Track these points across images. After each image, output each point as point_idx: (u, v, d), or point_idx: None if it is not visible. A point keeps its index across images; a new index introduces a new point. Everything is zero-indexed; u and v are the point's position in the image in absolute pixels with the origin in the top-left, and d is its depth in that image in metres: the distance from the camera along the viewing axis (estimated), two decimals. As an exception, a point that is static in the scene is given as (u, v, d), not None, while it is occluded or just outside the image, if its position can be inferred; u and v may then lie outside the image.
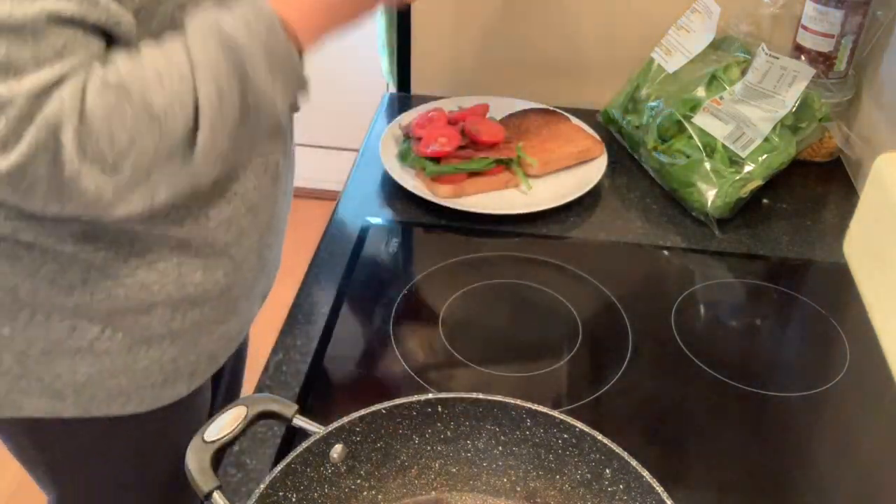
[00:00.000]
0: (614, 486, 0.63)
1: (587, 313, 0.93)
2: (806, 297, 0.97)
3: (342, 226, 1.05)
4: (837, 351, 0.90)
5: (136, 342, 0.80)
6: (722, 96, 1.10)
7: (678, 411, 0.82)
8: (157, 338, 0.81)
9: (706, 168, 1.07)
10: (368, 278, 0.97)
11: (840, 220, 1.10)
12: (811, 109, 1.11)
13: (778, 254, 1.04)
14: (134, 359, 0.81)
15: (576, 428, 0.64)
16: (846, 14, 1.11)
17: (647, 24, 1.23)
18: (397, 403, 0.65)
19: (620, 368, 0.86)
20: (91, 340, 0.78)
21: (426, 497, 0.68)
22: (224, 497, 0.59)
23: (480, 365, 0.86)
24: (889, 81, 1.12)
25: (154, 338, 0.81)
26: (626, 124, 1.20)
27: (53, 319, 0.77)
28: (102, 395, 0.82)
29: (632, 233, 1.06)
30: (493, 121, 1.15)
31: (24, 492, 1.81)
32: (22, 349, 0.78)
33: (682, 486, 0.74)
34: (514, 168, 1.10)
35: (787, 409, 0.83)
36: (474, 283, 0.96)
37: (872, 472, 0.78)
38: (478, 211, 1.05)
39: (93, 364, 0.80)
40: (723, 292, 0.98)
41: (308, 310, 0.92)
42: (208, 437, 0.62)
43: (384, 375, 0.84)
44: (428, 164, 1.07)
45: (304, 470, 0.62)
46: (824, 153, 1.21)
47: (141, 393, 0.83)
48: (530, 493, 0.68)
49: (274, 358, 0.86)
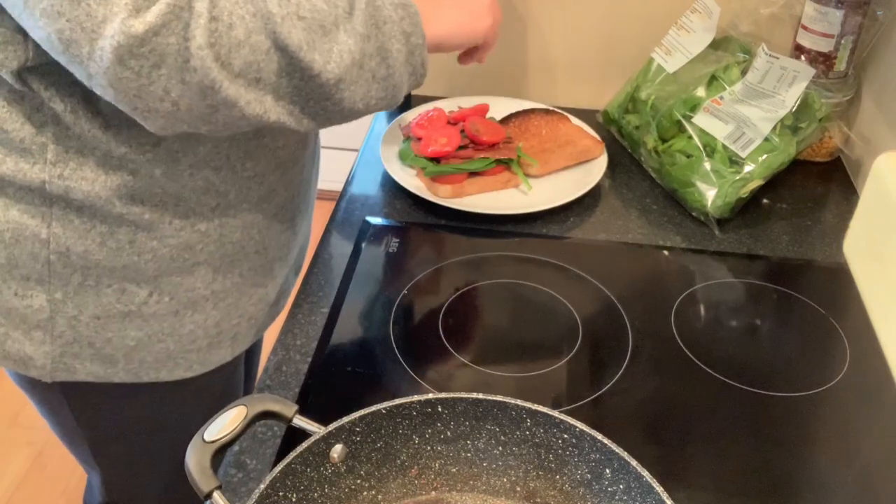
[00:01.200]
0: (614, 486, 0.63)
1: (587, 313, 0.93)
2: (806, 297, 0.97)
3: (342, 226, 1.05)
4: (837, 351, 0.90)
5: (181, 306, 0.84)
6: (722, 96, 1.10)
7: (678, 411, 0.82)
8: (201, 300, 0.85)
9: (706, 168, 1.07)
10: (368, 278, 0.97)
11: (840, 220, 1.10)
12: (811, 109, 1.11)
13: (778, 254, 1.04)
14: (181, 322, 0.85)
15: (576, 428, 0.65)
16: (846, 14, 1.11)
17: (647, 24, 1.23)
18: (397, 403, 0.65)
19: (620, 368, 0.86)
20: (139, 304, 0.82)
21: (426, 497, 0.68)
22: (224, 497, 0.59)
23: (480, 365, 0.86)
24: (889, 81, 1.12)
25: (198, 301, 0.85)
26: (626, 124, 1.20)
27: (102, 283, 0.80)
28: (151, 359, 0.85)
29: (632, 233, 1.06)
30: (493, 121, 1.15)
31: (24, 492, 1.81)
32: (74, 314, 0.81)
33: (682, 486, 0.74)
34: (514, 168, 1.10)
35: (787, 409, 0.83)
36: (474, 283, 0.96)
37: (872, 472, 0.78)
38: (478, 211, 1.05)
39: (141, 328, 0.83)
40: (723, 292, 0.98)
41: (308, 310, 0.92)
42: (208, 437, 0.62)
43: (384, 375, 0.84)
44: (428, 164, 1.07)
45: (304, 470, 0.62)
46: (824, 153, 1.21)
47: (188, 357, 0.87)
48: (530, 493, 0.68)
49: (274, 358, 0.86)
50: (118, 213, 0.77)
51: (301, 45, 0.68)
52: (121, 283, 0.81)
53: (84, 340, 0.82)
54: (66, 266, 0.79)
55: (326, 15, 0.70)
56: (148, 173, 0.77)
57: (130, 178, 0.77)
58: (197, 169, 0.79)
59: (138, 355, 0.85)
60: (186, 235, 0.81)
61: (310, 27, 0.69)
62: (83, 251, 0.78)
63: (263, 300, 0.92)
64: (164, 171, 0.77)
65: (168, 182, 0.78)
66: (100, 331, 0.82)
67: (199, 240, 0.82)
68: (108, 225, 0.78)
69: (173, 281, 0.83)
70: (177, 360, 0.87)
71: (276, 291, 0.94)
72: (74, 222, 0.77)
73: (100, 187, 0.76)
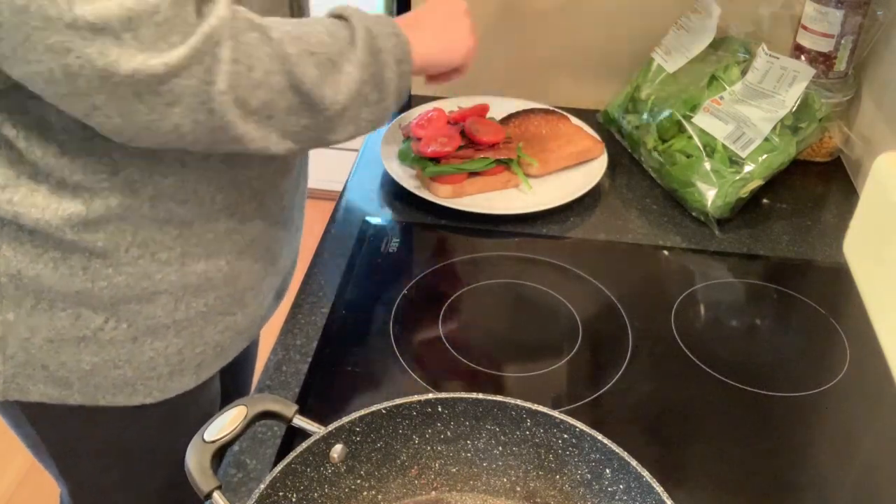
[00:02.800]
0: (614, 486, 0.63)
1: (587, 313, 0.93)
2: (806, 297, 0.97)
3: (342, 226, 1.05)
4: (837, 351, 0.90)
5: (140, 332, 0.81)
6: (722, 96, 1.10)
7: (678, 411, 0.82)
8: (162, 328, 0.82)
9: (706, 168, 1.07)
10: (368, 278, 0.97)
11: (840, 220, 1.10)
12: (811, 109, 1.11)
13: (778, 254, 1.04)
14: (139, 349, 0.82)
15: (576, 428, 0.65)
16: (846, 14, 1.11)
17: (647, 24, 1.23)
18: (397, 403, 0.65)
19: (620, 368, 0.86)
20: (95, 329, 0.79)
21: (426, 497, 0.68)
22: (224, 497, 0.59)
23: (480, 365, 0.86)
24: (889, 81, 1.12)
25: (159, 328, 0.82)
26: (626, 124, 1.20)
27: (56, 307, 0.78)
28: (108, 384, 0.82)
29: (632, 233, 1.06)
30: (493, 121, 1.15)
31: (24, 492, 1.81)
32: (26, 336, 0.79)
33: (682, 486, 0.74)
34: (514, 168, 1.10)
35: (787, 409, 0.83)
36: (474, 283, 0.96)
37: (872, 472, 0.78)
38: (478, 211, 1.05)
39: (97, 353, 0.80)
40: (723, 292, 0.98)
41: (308, 310, 0.92)
42: (208, 437, 0.62)
43: (384, 375, 0.84)
44: (428, 164, 1.07)
45: (304, 470, 0.62)
46: (824, 153, 1.21)
47: (147, 384, 0.84)
48: (530, 493, 0.68)
49: (274, 358, 0.86)
50: (70, 240, 0.75)
51: (315, 81, 0.71)
52: (76, 308, 0.78)
53: (37, 363, 0.80)
54: (17, 288, 0.76)
55: (331, 47, 0.72)
56: (103, 203, 0.74)
57: (84, 207, 0.74)
58: (158, 201, 0.76)
59: (94, 380, 0.82)
60: (145, 264, 0.78)
61: (320, 62, 0.71)
62: (35, 275, 0.76)
63: (231, 328, 0.88)
64: (120, 201, 0.75)
65: (125, 212, 0.75)
66: (53, 354, 0.80)
67: (158, 269, 0.79)
68: (60, 251, 0.75)
69: (131, 308, 0.80)
70: (135, 387, 0.84)
71: (247, 319, 0.90)
72: (26, 245, 0.75)
73: (51, 215, 0.73)
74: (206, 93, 0.64)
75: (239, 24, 0.66)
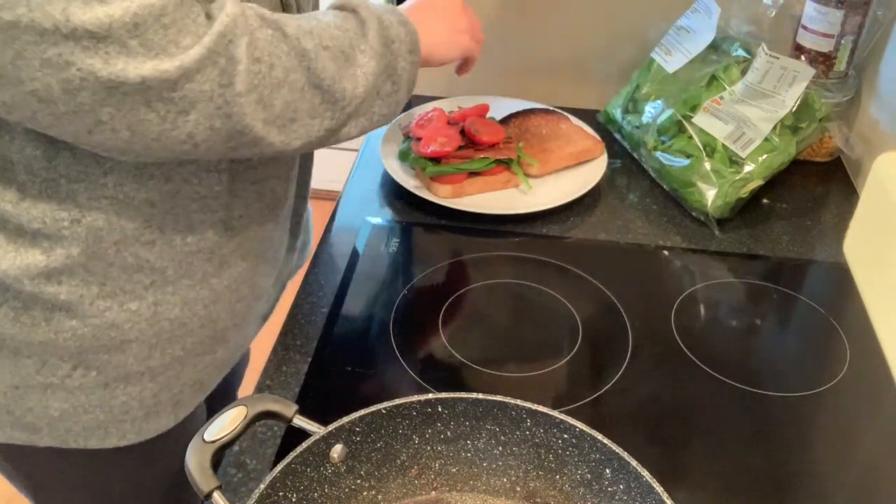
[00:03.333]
0: (614, 486, 0.63)
1: (587, 313, 0.93)
2: (806, 297, 0.97)
3: (342, 226, 1.05)
4: (837, 351, 0.90)
5: (111, 379, 0.76)
6: (722, 96, 1.10)
7: (678, 411, 0.82)
8: (135, 374, 0.77)
9: (706, 168, 1.07)
10: (368, 278, 0.97)
11: (840, 220, 1.10)
12: (811, 109, 1.11)
13: (778, 254, 1.04)
14: (111, 395, 0.77)
15: (576, 428, 0.64)
16: (846, 14, 1.11)
17: (647, 24, 1.23)
18: (397, 403, 0.65)
19: (620, 368, 0.86)
20: (62, 377, 0.75)
21: (426, 497, 0.68)
22: (224, 497, 0.59)
23: (480, 365, 0.86)
24: (889, 81, 1.12)
25: (132, 375, 0.77)
26: (626, 124, 1.20)
27: (21, 354, 0.73)
28: (78, 428, 0.78)
29: (632, 233, 1.06)
30: (493, 121, 1.15)
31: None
32: None
33: (682, 486, 0.74)
34: (514, 168, 1.10)
35: (787, 409, 0.83)
36: (474, 283, 0.96)
37: (872, 472, 0.78)
38: (478, 211, 1.05)
39: (66, 399, 0.76)
40: (723, 292, 0.98)
41: (308, 310, 0.92)
42: (208, 437, 0.62)
43: (384, 375, 0.84)
44: (428, 164, 1.07)
45: (304, 470, 0.62)
46: (824, 153, 1.21)
47: (121, 427, 0.79)
48: (530, 493, 0.68)
49: (274, 358, 0.86)
50: (30, 291, 0.70)
51: (334, 76, 0.68)
52: (41, 356, 0.73)
53: (2, 408, 0.75)
54: None
55: (343, 39, 0.70)
56: (65, 252, 0.69)
57: (44, 257, 0.69)
58: (124, 246, 0.71)
59: (64, 425, 0.77)
60: (113, 315, 0.73)
61: (335, 56, 0.69)
62: None
63: (211, 365, 0.83)
64: (83, 249, 0.69)
65: (89, 261, 0.70)
66: (18, 400, 0.75)
67: (127, 318, 0.73)
68: (20, 301, 0.70)
69: (100, 358, 0.74)
70: (107, 430, 0.78)
71: (229, 353, 0.85)
72: None
73: (8, 265, 0.69)
74: (223, 96, 0.61)
75: (252, 21, 0.63)
